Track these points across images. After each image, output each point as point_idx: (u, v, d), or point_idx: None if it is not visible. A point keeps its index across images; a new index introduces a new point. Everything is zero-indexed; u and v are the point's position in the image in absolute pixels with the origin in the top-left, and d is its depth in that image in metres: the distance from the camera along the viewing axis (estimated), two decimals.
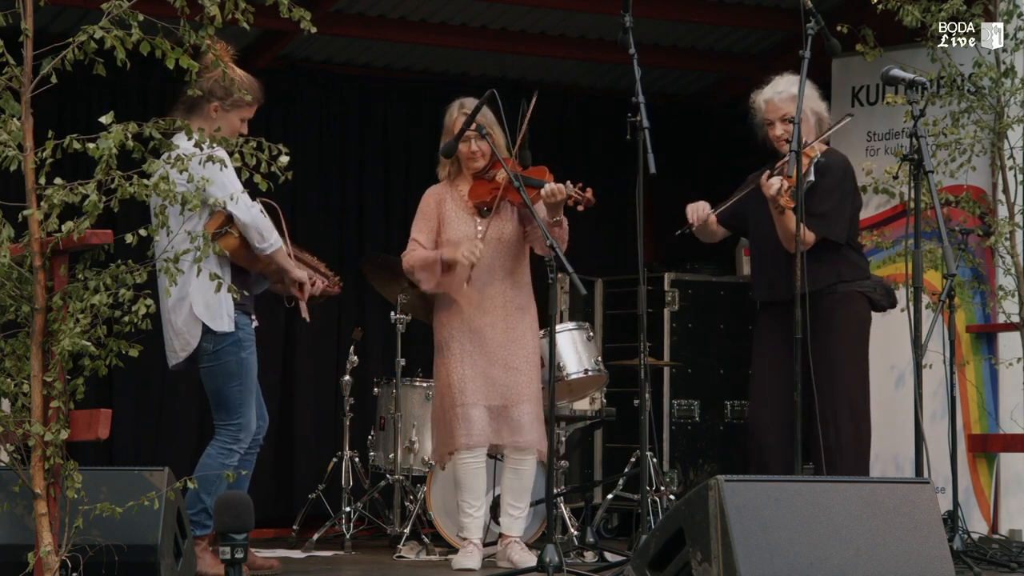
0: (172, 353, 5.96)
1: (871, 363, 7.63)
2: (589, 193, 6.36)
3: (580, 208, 6.40)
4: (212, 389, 5.97)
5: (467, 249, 6.39)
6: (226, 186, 5.57)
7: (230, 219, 5.79)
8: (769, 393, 6.37)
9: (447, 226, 6.57)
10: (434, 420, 6.69)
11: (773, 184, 6.16)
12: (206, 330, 5.85)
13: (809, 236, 6.22)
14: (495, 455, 6.76)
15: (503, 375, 6.48)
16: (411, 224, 6.69)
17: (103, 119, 4.34)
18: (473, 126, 6.45)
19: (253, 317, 6.06)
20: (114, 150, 4.29)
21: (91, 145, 4.31)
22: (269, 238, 5.87)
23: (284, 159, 4.49)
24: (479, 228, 6.54)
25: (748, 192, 6.40)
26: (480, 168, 6.57)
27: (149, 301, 4.39)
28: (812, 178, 6.28)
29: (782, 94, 6.41)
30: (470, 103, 6.55)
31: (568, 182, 6.37)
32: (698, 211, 6.42)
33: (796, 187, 5.92)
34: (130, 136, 4.33)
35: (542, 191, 6.36)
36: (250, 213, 5.80)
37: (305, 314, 6.19)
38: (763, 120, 6.48)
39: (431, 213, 6.62)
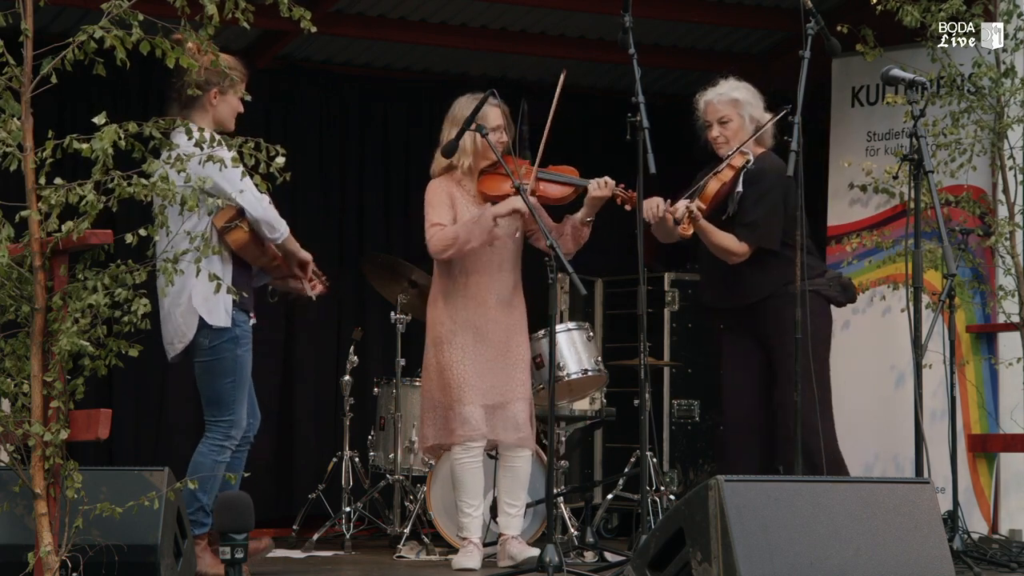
0: (170, 346, 5.96)
1: (870, 363, 7.65)
2: (632, 191, 6.37)
3: (628, 208, 6.42)
4: (205, 385, 5.95)
5: (518, 201, 6.30)
6: (231, 183, 5.55)
7: (240, 213, 5.79)
8: (737, 426, 6.42)
9: (460, 220, 6.53)
10: (424, 412, 6.61)
11: (678, 208, 6.22)
12: (202, 324, 5.84)
13: (741, 247, 6.26)
14: (491, 453, 6.76)
15: (502, 372, 6.48)
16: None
17: (96, 119, 4.34)
18: (473, 126, 6.44)
19: (251, 315, 6.05)
20: (109, 150, 4.28)
21: (84, 146, 4.30)
22: (279, 227, 5.89)
23: (280, 160, 4.49)
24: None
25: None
26: (491, 163, 6.55)
27: (145, 300, 4.39)
28: (740, 188, 6.32)
29: (722, 96, 6.47)
30: (500, 103, 6.55)
31: (609, 180, 6.41)
32: (653, 209, 6.36)
33: (798, 187, 5.93)
34: (122, 136, 4.32)
35: (590, 185, 6.39)
36: (260, 207, 5.80)
37: (311, 292, 6.17)
38: (703, 122, 6.52)
39: (447, 201, 6.53)
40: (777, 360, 6.28)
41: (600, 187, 6.40)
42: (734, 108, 6.44)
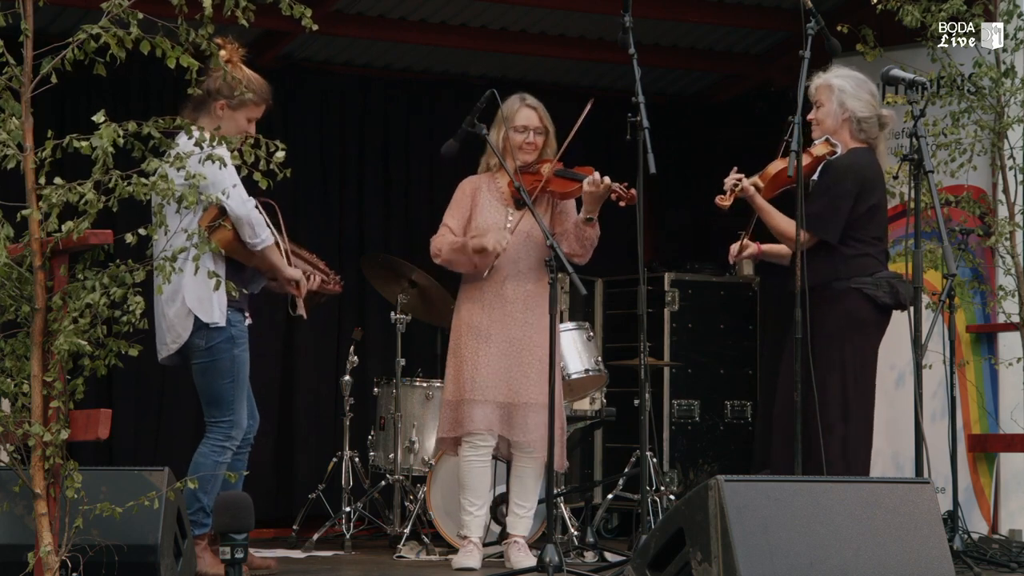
0: (163, 346, 5.95)
1: None
2: (633, 191, 6.38)
3: (622, 204, 6.43)
4: (204, 386, 5.95)
5: (494, 239, 6.42)
6: (221, 181, 5.55)
7: (224, 212, 5.77)
8: (774, 420, 6.29)
9: (478, 213, 6.59)
10: (441, 412, 6.64)
11: (727, 181, 6.18)
12: (198, 325, 5.83)
13: (804, 236, 6.17)
14: (498, 456, 6.76)
15: (517, 371, 6.47)
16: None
17: (95, 117, 4.34)
18: (475, 126, 6.47)
19: (247, 314, 6.04)
20: (109, 148, 4.28)
21: (84, 143, 4.30)
22: (260, 234, 5.84)
23: (280, 155, 4.48)
24: (510, 219, 6.56)
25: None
26: (529, 162, 6.58)
27: (139, 299, 4.38)
28: (815, 178, 6.25)
29: (823, 81, 6.28)
30: (540, 105, 6.61)
31: (607, 178, 6.41)
32: (731, 251, 6.33)
33: (797, 187, 5.91)
34: (122, 134, 4.31)
35: (585, 182, 6.40)
36: (244, 207, 5.77)
37: (302, 310, 6.17)
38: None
39: (465, 202, 6.63)
40: (815, 356, 5.96)
41: (593, 184, 6.41)
42: (828, 93, 6.26)
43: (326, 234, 9.19)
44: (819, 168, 6.21)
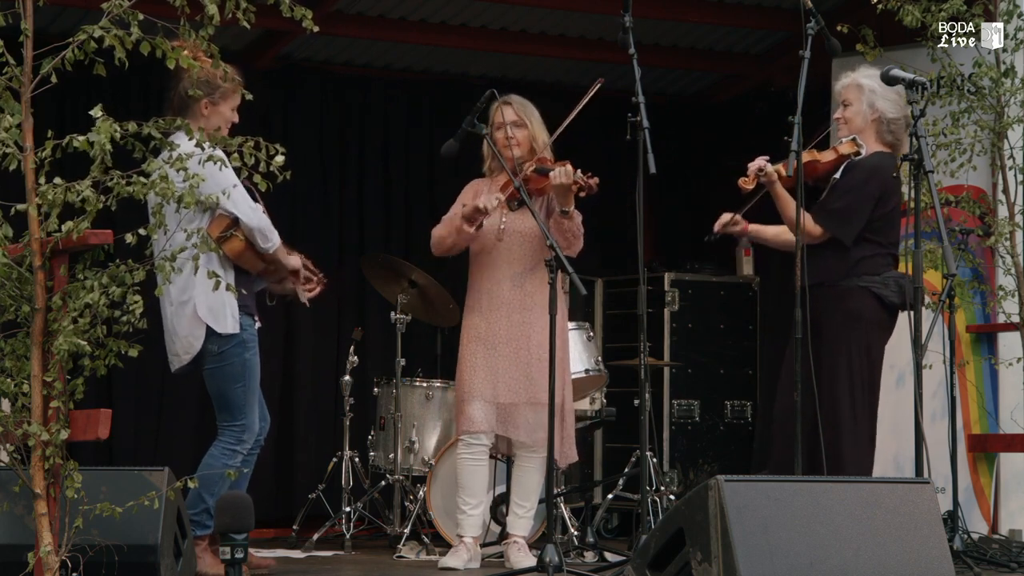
0: (175, 357, 5.95)
1: None
2: (594, 181, 6.36)
3: (582, 195, 6.42)
4: (216, 391, 5.96)
5: (484, 197, 6.44)
6: (219, 182, 5.54)
7: (235, 223, 5.78)
8: (779, 420, 6.26)
9: None
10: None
11: (751, 166, 6.17)
12: (210, 332, 5.84)
13: (816, 229, 6.16)
14: (498, 456, 6.76)
15: (516, 371, 6.47)
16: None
17: (93, 112, 4.33)
18: (475, 126, 6.47)
19: (256, 318, 6.06)
20: (107, 146, 4.27)
21: (82, 139, 4.29)
22: (272, 238, 5.88)
23: (280, 159, 4.48)
24: (503, 219, 6.55)
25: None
26: (516, 158, 6.56)
27: (137, 298, 4.37)
28: (838, 175, 6.25)
29: (851, 81, 6.31)
30: (517, 99, 6.61)
31: (577, 169, 6.39)
32: (720, 220, 6.33)
33: (797, 187, 5.91)
34: (119, 131, 4.31)
35: (550, 175, 6.38)
36: (255, 216, 5.80)
37: (304, 299, 6.16)
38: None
39: (467, 199, 6.62)
40: (816, 353, 5.98)
41: (558, 176, 6.38)
42: (857, 93, 6.28)
43: (326, 234, 9.19)
44: (842, 166, 6.22)
